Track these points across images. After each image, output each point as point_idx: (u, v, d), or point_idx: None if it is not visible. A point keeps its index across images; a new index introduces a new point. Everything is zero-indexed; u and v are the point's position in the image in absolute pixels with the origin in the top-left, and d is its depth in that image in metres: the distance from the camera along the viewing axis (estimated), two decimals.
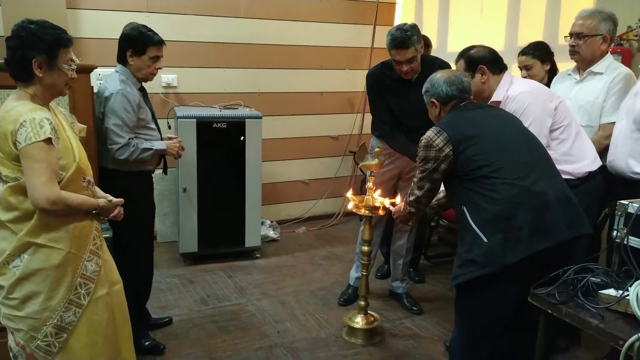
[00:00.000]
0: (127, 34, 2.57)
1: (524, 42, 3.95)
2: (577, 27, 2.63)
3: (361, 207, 2.79)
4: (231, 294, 3.45)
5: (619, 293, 1.58)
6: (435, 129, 2.02)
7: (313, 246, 4.41)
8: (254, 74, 4.61)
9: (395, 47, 2.81)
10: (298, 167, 4.97)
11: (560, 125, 2.35)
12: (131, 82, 2.57)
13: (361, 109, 5.10)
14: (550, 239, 1.81)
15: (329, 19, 4.83)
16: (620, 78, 2.54)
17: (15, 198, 1.67)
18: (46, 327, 1.74)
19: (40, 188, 1.62)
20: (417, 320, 3.16)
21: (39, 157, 1.62)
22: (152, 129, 2.68)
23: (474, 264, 1.87)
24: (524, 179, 1.86)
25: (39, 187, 1.62)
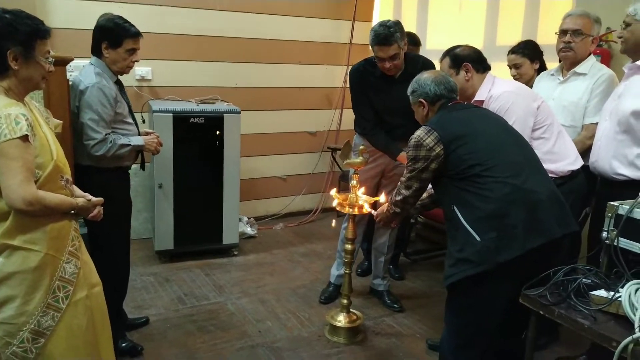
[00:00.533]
0: (102, 25, 2.47)
1: (503, 41, 4.01)
2: (576, 25, 2.64)
3: (345, 206, 2.76)
4: (209, 292, 3.38)
5: (609, 294, 1.59)
6: (425, 129, 2.00)
7: (291, 243, 4.36)
8: (230, 68, 4.52)
9: (378, 43, 2.78)
10: (276, 162, 4.91)
11: (543, 124, 2.37)
12: (107, 75, 2.46)
13: (339, 104, 5.07)
14: (543, 236, 1.82)
15: (308, 13, 4.77)
16: (603, 79, 2.58)
17: None
18: (22, 332, 1.64)
19: (15, 188, 1.53)
20: (398, 318, 3.15)
21: (14, 155, 1.52)
22: (130, 123, 2.58)
23: (467, 263, 1.86)
24: (515, 177, 1.86)
25: (15, 187, 1.53)
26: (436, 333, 2.96)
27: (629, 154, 2.16)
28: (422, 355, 2.77)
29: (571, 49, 2.66)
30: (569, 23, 2.66)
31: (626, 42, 2.19)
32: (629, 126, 2.14)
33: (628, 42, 2.18)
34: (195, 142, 3.76)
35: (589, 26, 2.63)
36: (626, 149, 2.17)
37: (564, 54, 2.71)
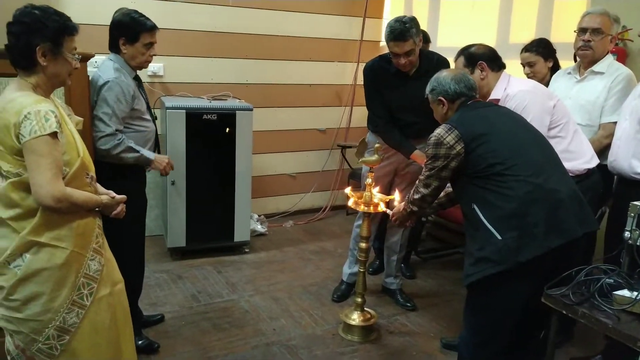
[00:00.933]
0: (118, 20, 2.47)
1: (516, 39, 3.99)
2: (595, 23, 2.62)
3: (360, 204, 2.75)
4: (222, 290, 3.39)
5: (633, 294, 1.59)
6: (445, 127, 2.00)
7: (302, 241, 4.37)
8: (242, 65, 4.52)
9: (394, 39, 2.77)
10: (285, 160, 4.91)
11: (559, 123, 2.36)
12: (126, 71, 2.47)
13: (350, 102, 5.06)
14: (564, 235, 1.82)
15: (319, 10, 4.77)
16: (621, 78, 2.57)
17: (17, 194, 1.58)
18: (48, 329, 1.66)
19: (45, 185, 1.54)
20: (411, 317, 3.16)
21: (44, 151, 1.53)
22: (147, 119, 2.59)
23: (488, 262, 1.86)
24: (537, 176, 1.85)
25: (44, 184, 1.54)
26: (449, 332, 2.97)
27: None
28: (436, 354, 2.77)
29: (590, 47, 2.64)
30: (589, 21, 2.65)
31: None
32: None
33: None
34: (207, 139, 3.76)
35: (608, 25, 2.62)
36: None
37: (582, 52, 2.70)
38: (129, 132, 2.51)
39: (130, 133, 2.52)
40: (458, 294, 3.48)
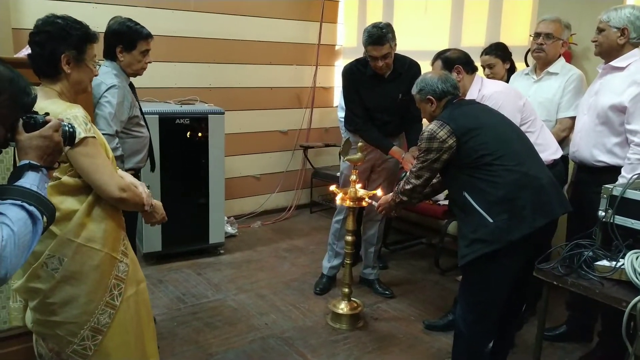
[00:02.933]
0: (115, 29, 2.50)
1: (468, 42, 4.32)
2: (547, 29, 2.93)
3: (346, 199, 2.92)
4: (207, 290, 3.44)
5: (612, 264, 1.86)
6: (437, 122, 2.19)
7: (273, 240, 4.47)
8: (205, 69, 4.56)
9: (372, 43, 2.96)
10: (249, 162, 4.99)
11: (528, 120, 2.64)
12: (122, 78, 2.50)
13: (310, 104, 5.22)
14: (548, 215, 2.08)
15: (278, 15, 4.89)
16: (574, 78, 2.90)
17: (56, 198, 1.60)
18: (83, 330, 1.69)
19: (110, 181, 1.63)
20: (391, 304, 3.36)
21: (94, 152, 1.61)
22: (143, 125, 2.63)
23: (481, 242, 2.07)
24: (521, 165, 2.10)
25: (109, 180, 1.63)
26: (428, 314, 3.20)
27: (607, 143, 2.47)
28: (421, 336, 2.98)
29: (543, 50, 2.95)
30: (543, 27, 2.96)
31: (600, 45, 2.48)
32: (607, 118, 2.44)
33: (602, 46, 2.47)
34: (181, 143, 3.79)
35: (559, 30, 2.94)
36: (604, 139, 2.47)
37: (536, 55, 3.01)
38: (128, 137, 2.54)
39: (129, 139, 2.55)
40: (429, 280, 3.74)
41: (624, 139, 2.42)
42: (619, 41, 2.41)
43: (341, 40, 5.39)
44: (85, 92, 1.80)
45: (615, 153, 2.45)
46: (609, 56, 2.48)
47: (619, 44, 2.42)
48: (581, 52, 3.43)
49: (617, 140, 2.44)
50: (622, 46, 2.42)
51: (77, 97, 1.76)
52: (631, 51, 2.43)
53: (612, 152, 2.46)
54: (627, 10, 2.39)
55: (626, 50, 2.43)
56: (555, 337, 2.91)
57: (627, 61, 2.43)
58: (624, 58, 2.44)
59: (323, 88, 5.33)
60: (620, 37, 2.41)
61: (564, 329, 2.92)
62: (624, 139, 2.42)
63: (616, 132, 2.44)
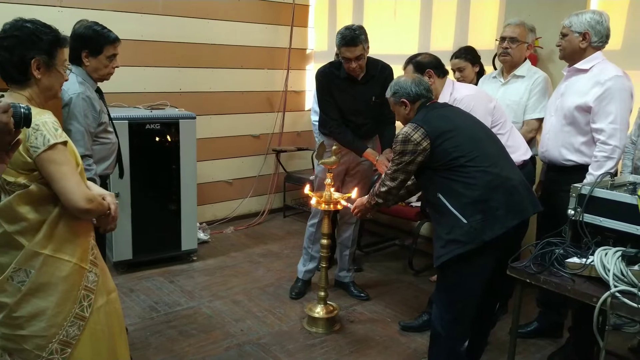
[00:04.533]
0: (80, 33, 2.44)
1: (437, 46, 4.38)
2: (513, 33, 3.00)
3: (322, 202, 2.92)
4: (180, 298, 3.38)
5: (582, 261, 1.91)
6: (412, 125, 2.22)
7: (246, 245, 4.43)
8: (175, 73, 4.51)
9: (346, 44, 2.97)
10: (221, 167, 4.95)
11: (499, 122, 2.70)
12: (89, 84, 2.44)
13: (281, 108, 5.20)
14: (520, 215, 2.12)
15: (248, 19, 4.87)
16: (540, 81, 2.98)
17: (23, 207, 1.55)
18: (52, 344, 1.63)
19: (75, 190, 1.56)
20: (367, 306, 3.37)
21: (63, 159, 1.55)
22: (111, 132, 2.57)
23: (456, 243, 2.10)
24: (494, 166, 2.14)
25: (74, 189, 1.56)
26: (404, 315, 3.22)
27: (575, 143, 2.54)
28: (397, 337, 3.00)
29: (508, 54, 3.02)
30: (508, 31, 3.03)
31: (564, 49, 2.56)
32: (574, 119, 2.51)
33: (566, 50, 2.55)
34: (151, 149, 3.72)
35: (524, 34, 3.01)
36: (572, 138, 2.55)
37: (502, 58, 3.08)
38: (95, 144, 2.48)
39: (96, 146, 2.49)
40: (403, 282, 3.77)
41: (591, 137, 2.49)
42: (581, 45, 2.49)
43: (312, 44, 5.40)
44: (56, 97, 1.76)
45: (583, 152, 2.53)
46: (573, 59, 2.56)
47: (581, 48, 2.50)
48: (547, 55, 3.52)
49: (584, 140, 2.52)
50: (584, 50, 2.50)
51: (46, 102, 1.71)
52: (593, 54, 2.51)
53: (580, 151, 2.53)
54: (587, 16, 2.47)
55: (588, 53, 2.51)
56: (527, 333, 2.97)
57: (590, 63, 2.51)
58: (587, 61, 2.52)
59: (295, 92, 5.33)
60: (582, 41, 2.49)
61: (535, 326, 2.99)
62: (591, 138, 2.49)
63: (583, 132, 2.51)
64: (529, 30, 3.03)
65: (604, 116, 2.40)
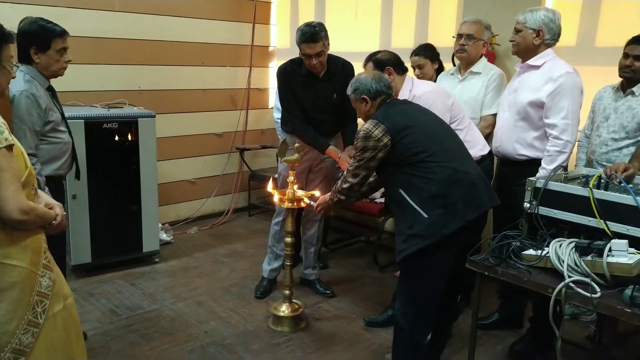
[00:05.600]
0: (25, 30, 2.36)
1: (398, 44, 4.42)
2: (469, 30, 3.05)
3: (285, 200, 2.90)
4: (141, 301, 3.31)
5: (538, 252, 1.96)
6: (372, 122, 2.22)
7: (210, 245, 4.38)
8: (133, 71, 4.40)
9: (306, 41, 2.96)
10: (183, 166, 4.87)
11: (457, 118, 2.74)
12: (38, 82, 2.36)
13: (244, 106, 5.15)
14: (479, 209, 2.16)
15: (208, 15, 4.80)
16: (495, 77, 3.04)
17: None
18: (4, 353, 1.56)
19: (11, 199, 1.47)
20: (332, 303, 3.38)
21: (3, 165, 1.46)
22: (62, 131, 2.49)
23: (417, 237, 2.12)
24: (453, 161, 2.17)
25: (10, 197, 1.47)
26: (368, 311, 3.24)
27: (527, 138, 2.61)
28: (362, 333, 3.01)
29: (465, 50, 3.07)
30: (464, 28, 3.07)
31: (518, 45, 2.62)
32: (527, 114, 2.58)
33: (520, 46, 2.61)
34: (109, 149, 3.62)
35: (480, 31, 3.06)
36: (525, 134, 2.61)
37: (459, 55, 3.13)
38: (43, 144, 2.40)
39: (44, 145, 2.41)
40: (369, 277, 3.79)
41: (543, 132, 2.56)
42: (534, 42, 2.56)
43: (274, 41, 5.37)
44: (3, 95, 1.68)
45: (536, 146, 2.59)
46: (526, 55, 2.62)
47: (534, 45, 2.56)
48: (503, 51, 3.60)
49: (536, 134, 2.59)
50: (537, 46, 2.57)
51: None
52: (545, 51, 2.58)
53: (533, 145, 2.60)
54: (541, 13, 2.53)
55: (541, 50, 2.58)
56: (488, 325, 3.03)
57: (542, 60, 2.58)
58: (539, 57, 2.59)
59: (258, 89, 5.29)
60: (535, 37, 2.55)
61: (496, 317, 3.05)
62: (543, 133, 2.56)
63: (535, 127, 2.58)
64: (484, 27, 3.09)
65: (556, 112, 2.47)
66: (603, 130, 2.60)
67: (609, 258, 1.77)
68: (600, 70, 3.18)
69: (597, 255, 1.80)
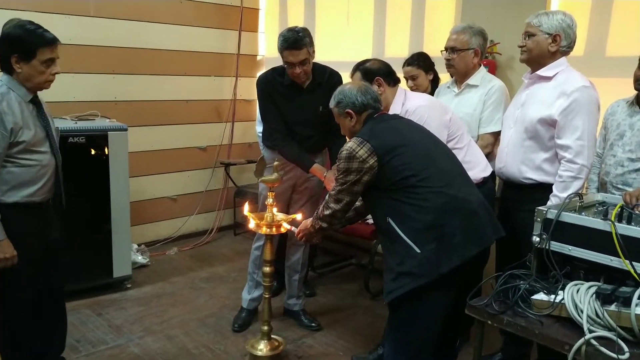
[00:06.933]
0: (8, 34, 2.07)
1: (392, 53, 4.14)
2: (451, 42, 2.75)
3: (262, 226, 2.59)
4: (106, 335, 2.99)
5: (550, 298, 1.65)
6: (357, 140, 1.93)
7: (190, 268, 4.06)
8: (109, 80, 4.11)
9: (288, 47, 2.68)
10: (164, 182, 4.56)
11: (455, 135, 2.43)
12: (19, 93, 2.10)
13: (230, 117, 4.86)
14: (480, 243, 1.86)
15: (191, 22, 4.52)
16: (494, 90, 2.69)
17: None
18: None
19: None
20: (317, 337, 3.06)
21: None
22: (41, 152, 2.19)
23: (408, 276, 1.82)
24: (449, 187, 1.87)
25: None
26: (357, 348, 2.93)
27: (535, 159, 2.29)
28: None
29: (452, 65, 2.76)
30: (448, 41, 2.76)
31: (529, 52, 2.30)
32: (536, 133, 2.27)
33: (532, 52, 2.29)
34: (75, 165, 3.31)
35: (464, 40, 2.70)
36: (533, 154, 2.30)
37: (449, 70, 2.84)
38: (11, 166, 2.11)
39: (12, 168, 2.11)
40: (359, 307, 3.48)
41: (554, 154, 2.26)
42: (550, 48, 2.25)
43: (262, 49, 5.09)
44: None
45: (545, 169, 2.29)
46: (538, 64, 2.31)
47: (549, 51, 2.26)
48: (506, 61, 3.31)
49: (546, 156, 2.28)
50: (552, 54, 2.26)
51: None
52: (559, 60, 2.28)
53: (541, 168, 2.29)
54: (559, 17, 2.23)
55: (556, 58, 2.27)
56: None
57: (554, 70, 2.28)
58: (552, 67, 2.29)
59: (245, 100, 4.99)
60: (551, 44, 2.25)
61: (499, 357, 2.73)
62: (554, 155, 2.26)
63: (545, 147, 2.27)
64: (474, 34, 2.72)
65: (570, 131, 2.17)
66: (618, 149, 2.29)
67: (638, 309, 1.46)
68: (611, 82, 2.86)
69: (623, 304, 1.50)
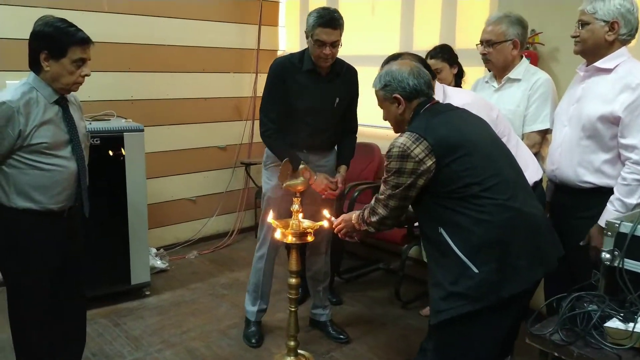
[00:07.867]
0: (38, 31, 1.94)
1: (420, 45, 3.89)
2: (485, 35, 2.50)
3: (288, 234, 2.39)
4: (123, 347, 2.83)
5: (627, 326, 1.42)
6: (411, 135, 1.68)
7: (210, 273, 3.89)
8: (125, 78, 3.95)
9: (323, 24, 2.48)
10: (183, 183, 4.39)
11: (503, 135, 2.18)
12: (42, 95, 1.95)
13: (250, 115, 4.67)
14: (546, 265, 1.64)
15: (209, 17, 4.34)
16: (539, 84, 2.44)
17: None
18: None
19: None
20: (346, 350, 2.86)
21: None
22: (61, 156, 2.03)
23: (464, 298, 1.61)
24: (514, 199, 1.64)
25: None
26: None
27: (594, 161, 2.05)
28: None
29: (488, 60, 2.52)
30: (483, 33, 2.51)
31: (584, 42, 2.06)
32: (595, 131, 2.02)
33: (587, 42, 2.05)
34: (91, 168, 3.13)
35: (500, 32, 2.45)
36: (592, 155, 2.06)
37: (486, 65, 2.60)
38: (25, 168, 1.96)
39: (28, 170, 1.97)
40: (390, 316, 3.27)
41: (616, 155, 2.01)
42: (607, 37, 2.00)
43: (283, 44, 4.88)
44: None
45: (605, 172, 2.04)
46: (594, 55, 2.06)
47: (607, 41, 2.01)
48: (549, 53, 3.05)
49: (607, 157, 2.03)
50: (610, 43, 2.01)
51: None
52: (619, 50, 2.03)
53: (601, 171, 2.04)
54: (616, 1, 1.98)
55: (615, 48, 2.02)
56: None
57: (615, 62, 2.03)
58: (611, 58, 2.04)
59: None
60: (608, 32, 2.00)
61: None
62: (616, 156, 2.01)
63: (606, 148, 2.02)
64: (511, 23, 2.46)
65: (636, 129, 1.92)
66: None
67: None
68: None
69: None
